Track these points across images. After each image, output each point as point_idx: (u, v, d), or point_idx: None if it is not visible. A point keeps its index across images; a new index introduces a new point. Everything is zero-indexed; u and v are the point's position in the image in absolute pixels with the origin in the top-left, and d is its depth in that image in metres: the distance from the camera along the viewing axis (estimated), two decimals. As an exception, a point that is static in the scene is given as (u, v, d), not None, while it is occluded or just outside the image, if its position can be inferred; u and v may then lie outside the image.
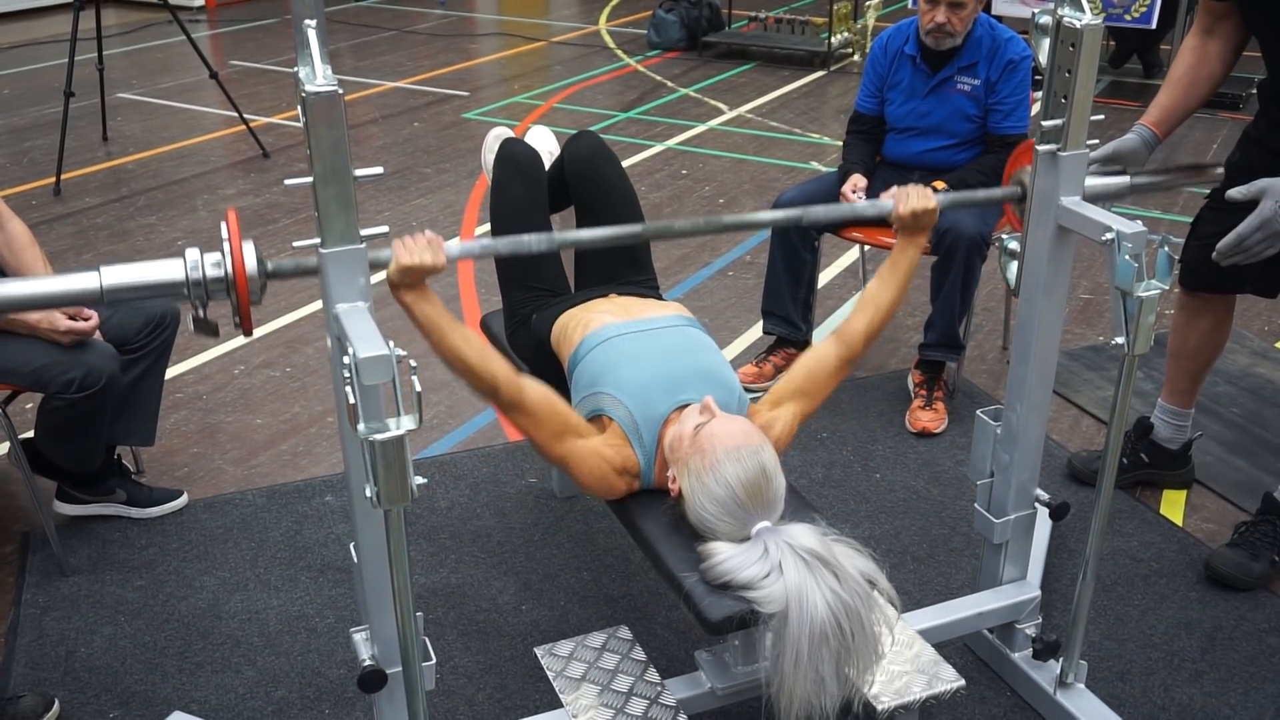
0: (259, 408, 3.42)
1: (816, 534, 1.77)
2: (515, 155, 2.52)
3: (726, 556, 1.77)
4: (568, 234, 1.90)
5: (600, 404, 2.04)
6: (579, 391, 2.12)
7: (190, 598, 2.59)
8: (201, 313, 1.57)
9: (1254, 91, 2.56)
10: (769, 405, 2.08)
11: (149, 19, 8.81)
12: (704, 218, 1.95)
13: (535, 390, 1.92)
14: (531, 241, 1.81)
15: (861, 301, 2.11)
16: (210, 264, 1.54)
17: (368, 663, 1.77)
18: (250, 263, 1.56)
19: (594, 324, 2.19)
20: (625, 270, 2.46)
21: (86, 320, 2.50)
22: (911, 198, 2.03)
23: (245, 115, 5.78)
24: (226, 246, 1.54)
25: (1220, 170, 2.24)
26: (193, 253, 1.54)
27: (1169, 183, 2.21)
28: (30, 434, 2.72)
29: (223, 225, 1.56)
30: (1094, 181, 2.00)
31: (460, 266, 4.43)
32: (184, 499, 2.91)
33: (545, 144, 2.88)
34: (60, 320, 2.46)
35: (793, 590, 1.69)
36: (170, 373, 3.13)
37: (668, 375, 2.03)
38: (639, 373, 2.04)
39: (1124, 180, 2.06)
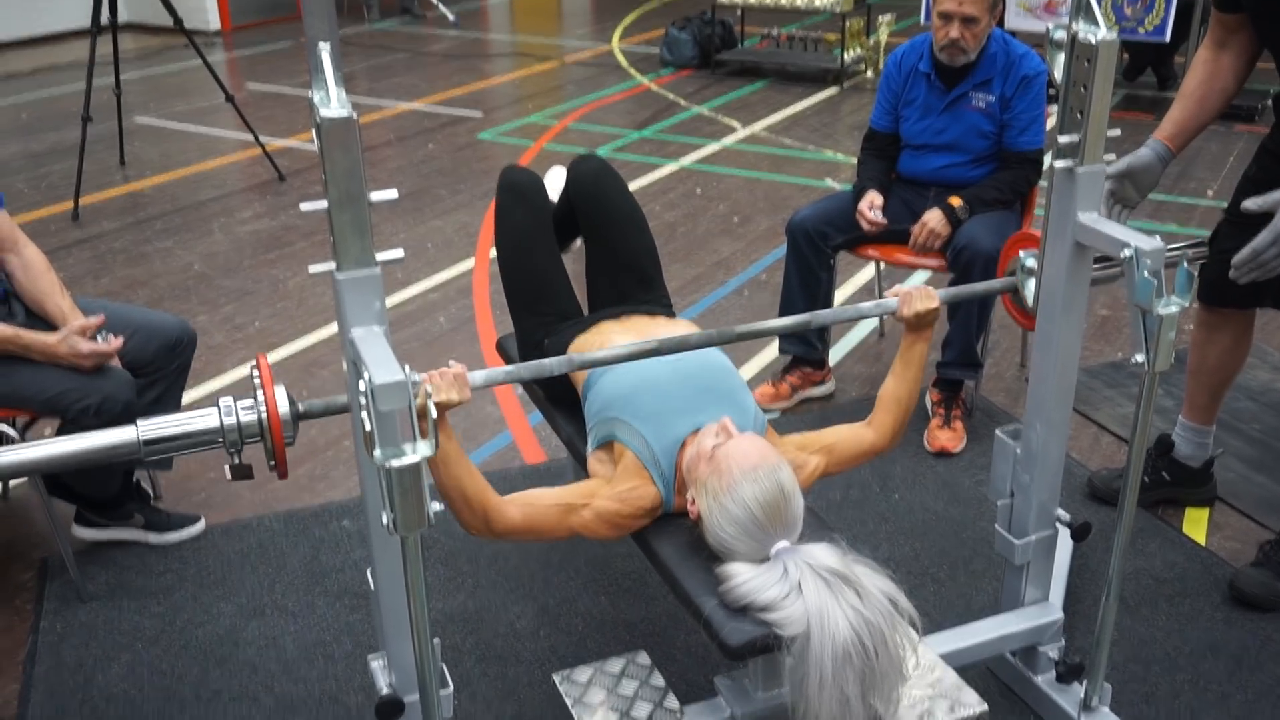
0: (275, 431, 3.42)
1: (836, 553, 1.76)
2: (517, 183, 2.52)
3: (746, 579, 1.76)
4: (587, 355, 1.96)
5: (614, 430, 2.03)
6: (592, 416, 2.11)
7: (208, 624, 2.59)
8: (237, 459, 1.63)
9: (1269, 103, 2.54)
10: (795, 447, 2.06)
11: (166, 44, 8.88)
12: (717, 330, 2.01)
13: (520, 513, 1.91)
14: (552, 365, 1.87)
15: (882, 401, 2.13)
16: (244, 410, 1.60)
17: (385, 691, 1.76)
18: (283, 407, 1.61)
19: (607, 346, 2.18)
20: (637, 290, 2.45)
21: (108, 343, 2.50)
22: (915, 300, 2.07)
23: (261, 138, 5.81)
24: (260, 395, 1.60)
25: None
26: (226, 402, 1.61)
27: None
28: (48, 460, 2.72)
29: (254, 373, 1.62)
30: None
31: (475, 289, 4.43)
32: (201, 524, 2.91)
33: (560, 183, 2.89)
34: (81, 344, 2.46)
35: (814, 610, 1.68)
36: (187, 397, 3.14)
37: (683, 398, 2.02)
38: (653, 397, 2.03)
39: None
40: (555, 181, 2.87)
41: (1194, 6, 6.40)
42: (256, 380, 1.61)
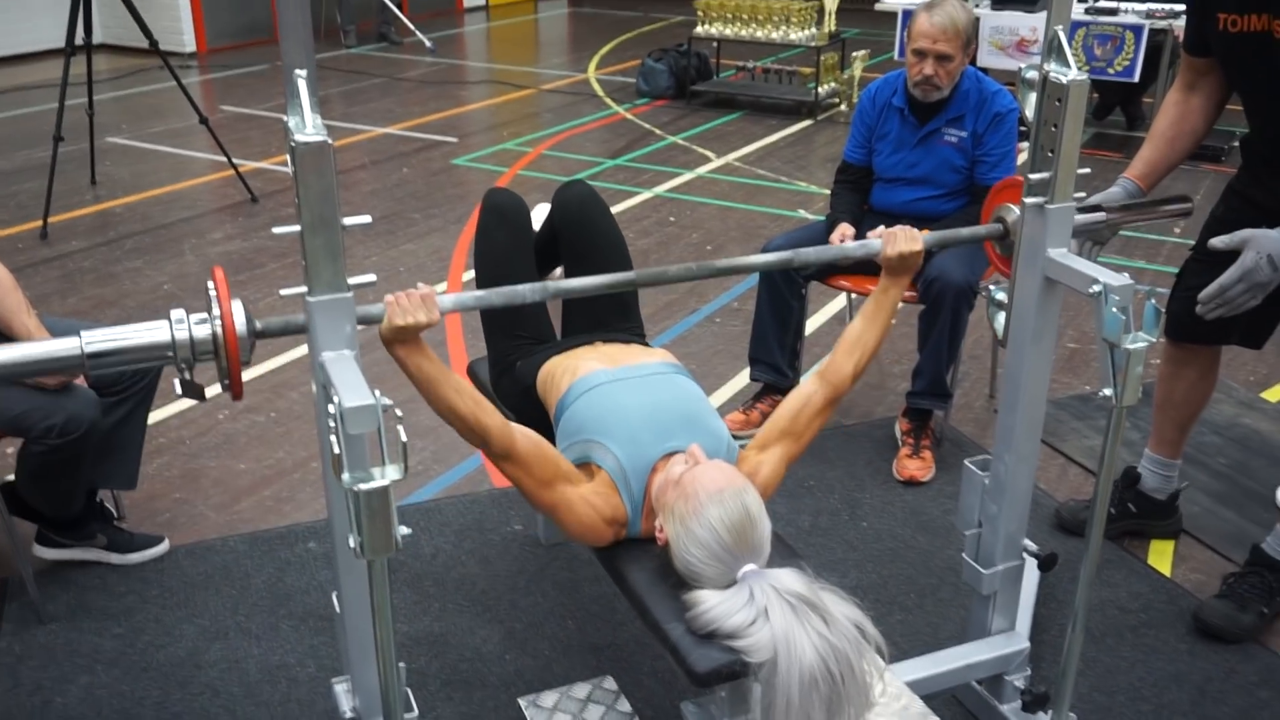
0: (242, 453, 3.40)
1: (803, 579, 1.76)
2: (499, 204, 2.52)
3: (712, 605, 1.76)
4: (561, 283, 1.89)
5: (588, 452, 2.03)
6: (565, 439, 2.11)
7: (169, 646, 2.56)
8: (188, 375, 1.54)
9: (1236, 145, 2.58)
10: (755, 450, 2.07)
11: (140, 64, 8.85)
12: (696, 263, 1.95)
13: (526, 439, 1.92)
14: (525, 291, 1.81)
15: (844, 341, 2.10)
16: (196, 324, 1.52)
17: (349, 715, 1.75)
18: (240, 322, 1.53)
19: (581, 371, 2.18)
20: (612, 318, 2.46)
21: None
22: (899, 240, 2.04)
23: (234, 160, 5.79)
24: (215, 307, 1.52)
25: (1189, 204, 2.25)
26: (178, 313, 1.51)
27: (1142, 217, 2.23)
28: (10, 477, 2.69)
29: (209, 284, 1.53)
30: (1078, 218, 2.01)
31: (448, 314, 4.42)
32: (165, 545, 2.87)
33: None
34: None
35: (780, 636, 1.68)
36: (153, 417, 3.11)
37: (655, 423, 2.03)
38: (627, 421, 2.03)
39: (1100, 215, 2.08)
40: (538, 217, 2.88)
41: (1162, 48, 6.51)
42: (212, 293, 1.52)
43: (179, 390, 1.57)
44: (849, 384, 2.09)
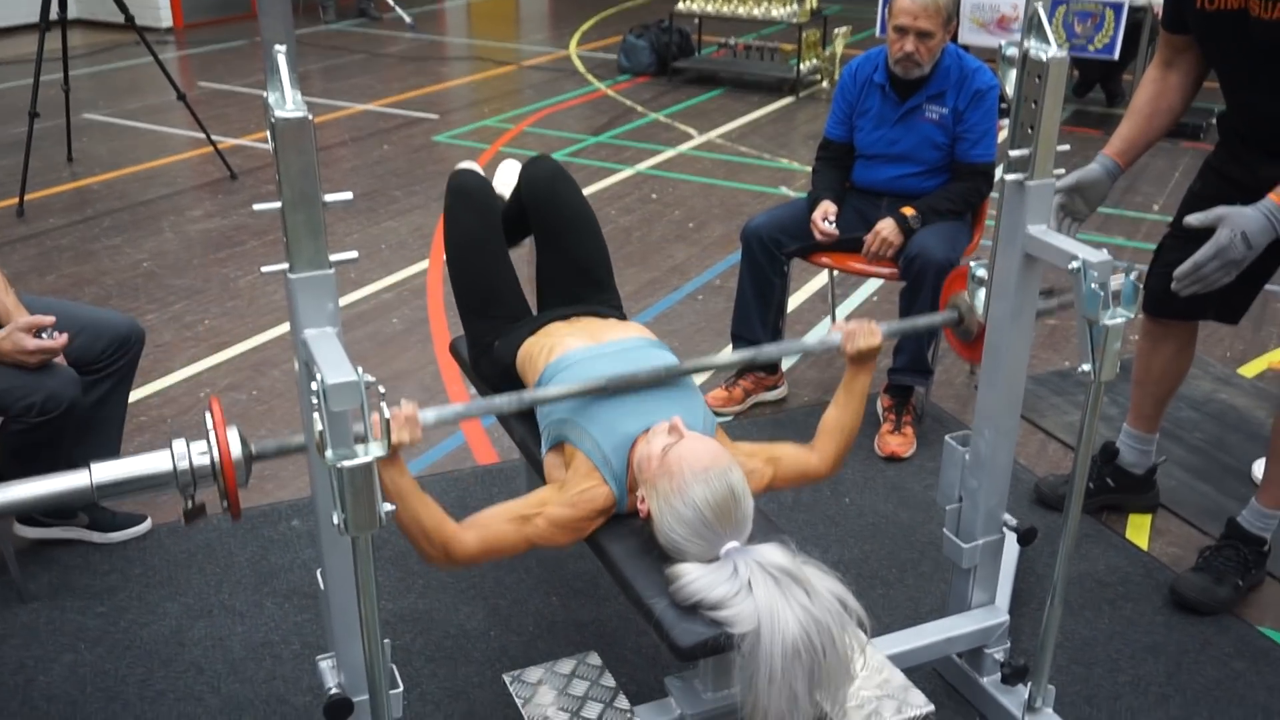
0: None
1: (786, 553, 1.78)
2: (466, 186, 2.51)
3: (695, 577, 1.77)
4: (537, 393, 2.04)
5: (564, 431, 2.03)
6: (544, 418, 2.11)
7: (152, 624, 2.56)
8: (190, 503, 1.61)
9: (1214, 121, 2.60)
10: (745, 454, 2.06)
11: (116, 40, 8.76)
12: (665, 366, 2.07)
13: (479, 538, 1.90)
14: (502, 403, 1.91)
15: (824, 430, 2.15)
16: (197, 455, 1.58)
17: (334, 691, 1.75)
18: (235, 450, 1.60)
19: (558, 349, 2.18)
20: (587, 291, 2.46)
21: (54, 339, 2.46)
22: (858, 338, 2.12)
23: (213, 136, 5.75)
24: (212, 436, 1.58)
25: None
26: (179, 445, 1.58)
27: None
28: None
29: (207, 415, 1.60)
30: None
31: (429, 290, 4.42)
32: (147, 524, 2.87)
33: (513, 178, 2.88)
34: (26, 340, 2.42)
35: (764, 608, 1.69)
36: (134, 395, 3.10)
37: (632, 398, 2.03)
38: (603, 399, 2.03)
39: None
40: (508, 175, 2.86)
41: (1142, 26, 6.53)
42: (209, 424, 1.60)
43: (183, 521, 1.65)
44: (832, 467, 2.14)
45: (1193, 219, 2.21)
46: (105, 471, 1.56)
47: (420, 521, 1.82)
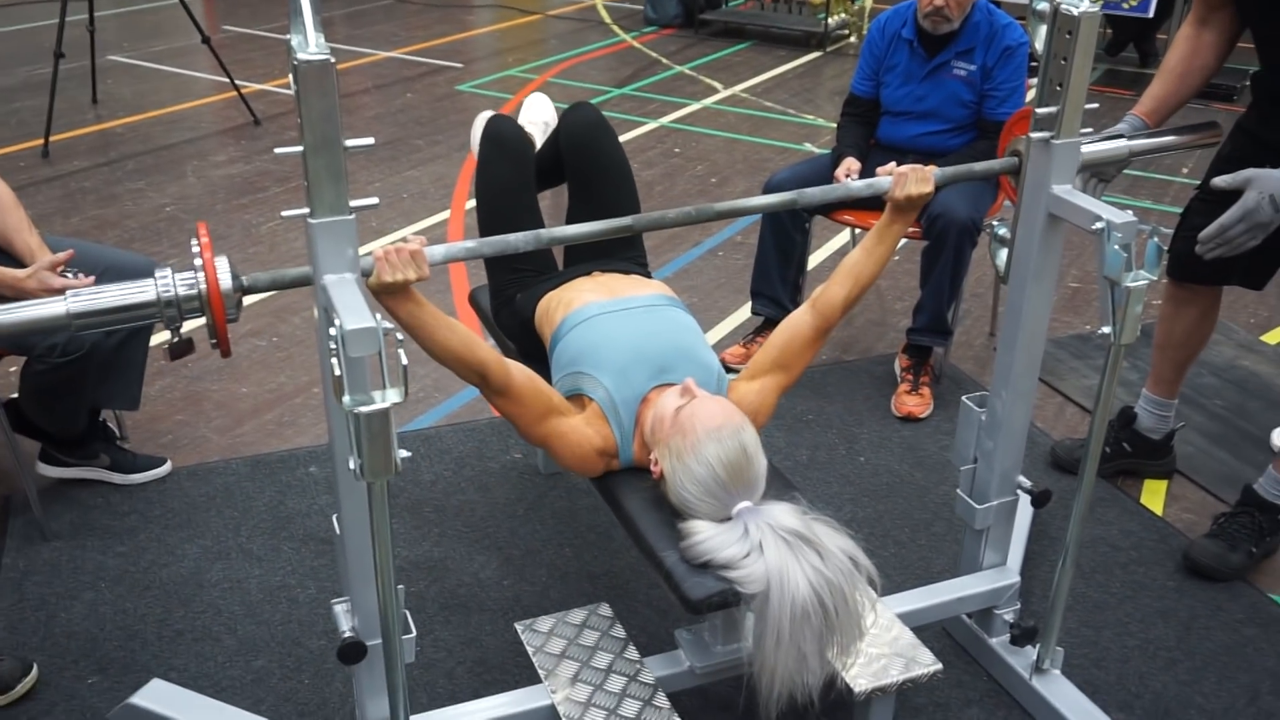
0: (245, 377, 3.41)
1: (797, 513, 1.78)
2: (502, 134, 2.48)
3: (707, 536, 1.78)
4: (555, 231, 1.86)
5: (579, 384, 2.04)
6: (559, 370, 2.12)
7: (171, 565, 2.59)
8: (176, 336, 1.54)
9: (1248, 83, 2.56)
10: (746, 379, 2.08)
11: (141, -19, 8.73)
12: (696, 207, 1.91)
13: (521, 374, 1.92)
14: (518, 241, 1.79)
15: (840, 271, 2.09)
16: (182, 283, 1.51)
17: (348, 634, 1.78)
18: (225, 280, 1.52)
19: (575, 303, 2.18)
20: (615, 245, 2.44)
21: (79, 279, 2.47)
22: (910, 182, 1.99)
23: (237, 81, 5.74)
24: (199, 263, 1.51)
25: (1218, 130, 2.22)
26: (163, 272, 1.51)
27: (1170, 145, 2.19)
28: (14, 395, 2.71)
29: (193, 242, 1.52)
30: (1092, 148, 1.99)
31: (449, 241, 4.41)
32: (167, 466, 2.90)
33: (543, 114, 2.84)
34: (53, 279, 2.42)
35: (774, 570, 1.70)
36: (155, 339, 3.12)
37: (646, 354, 2.03)
38: (617, 352, 2.03)
39: (1121, 145, 2.05)
40: (534, 110, 2.82)
41: (1178, -17, 6.41)
42: (196, 250, 1.52)
43: (168, 354, 1.58)
44: (840, 315, 2.08)
45: (1220, 181, 2.19)
46: (82, 301, 1.48)
47: (449, 348, 1.81)
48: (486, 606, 2.48)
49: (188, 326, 1.57)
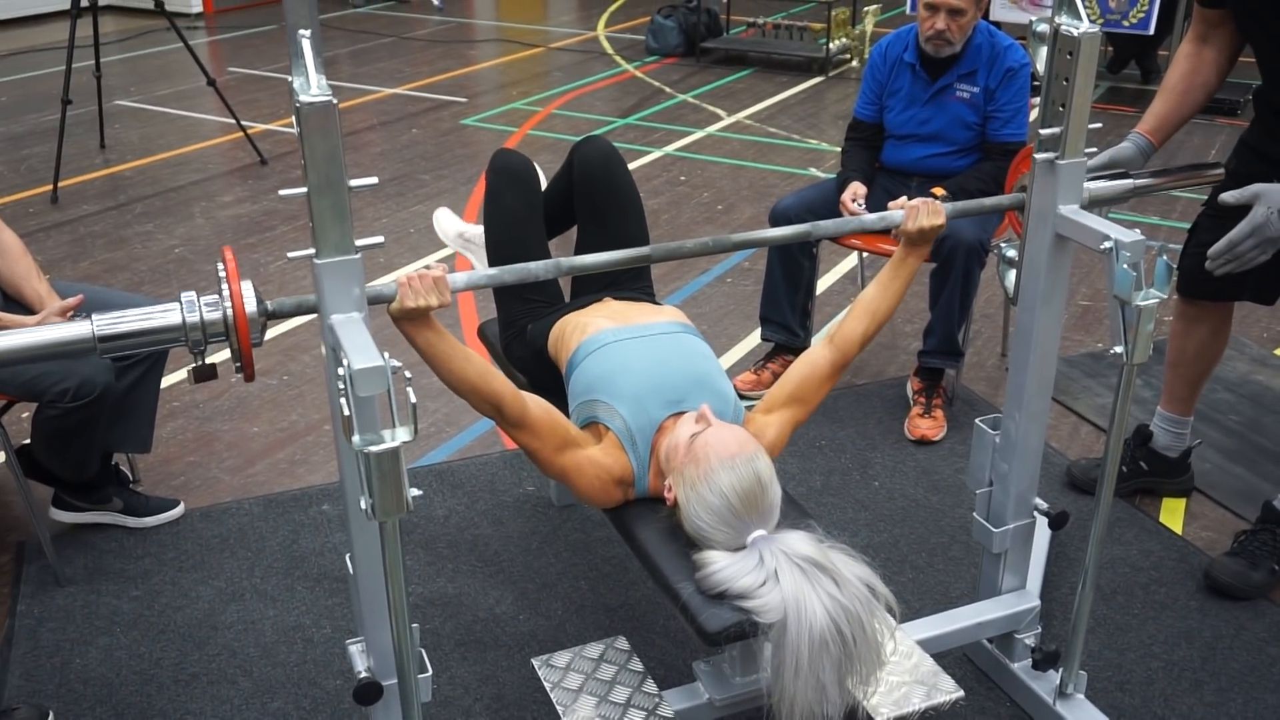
0: (256, 416, 3.41)
1: (813, 541, 1.76)
2: (510, 166, 2.49)
3: (722, 566, 1.76)
4: (576, 259, 1.87)
5: (595, 412, 2.03)
6: (575, 398, 2.11)
7: (186, 608, 2.58)
8: (200, 360, 1.55)
9: (1251, 98, 2.56)
10: (762, 412, 2.08)
11: (147, 26, 8.81)
12: (713, 238, 1.92)
13: (537, 407, 1.92)
14: (538, 269, 1.80)
15: (857, 308, 2.10)
16: (207, 306, 1.52)
17: (363, 675, 1.76)
18: (250, 304, 1.53)
19: (590, 329, 2.18)
20: (622, 275, 2.45)
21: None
22: (921, 214, 2.00)
23: (243, 122, 5.77)
24: (225, 289, 1.53)
25: (1220, 171, 2.23)
26: (189, 295, 1.52)
27: (1170, 184, 2.20)
28: (26, 441, 2.71)
29: (219, 266, 1.54)
30: (1095, 185, 1.99)
31: (456, 270, 4.42)
32: (180, 508, 2.90)
33: (453, 227, 2.95)
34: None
35: (790, 599, 1.68)
36: (166, 381, 3.12)
37: (662, 382, 2.03)
38: (633, 379, 2.03)
39: (1126, 183, 2.05)
40: (445, 223, 2.94)
41: (1178, 0, 6.42)
42: (222, 274, 1.52)
43: (191, 379, 1.58)
44: (857, 350, 2.10)
45: (1228, 196, 2.18)
46: (108, 323, 1.49)
47: (466, 379, 1.82)
48: (503, 642, 2.47)
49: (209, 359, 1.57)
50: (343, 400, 1.39)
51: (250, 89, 7.23)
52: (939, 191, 3.20)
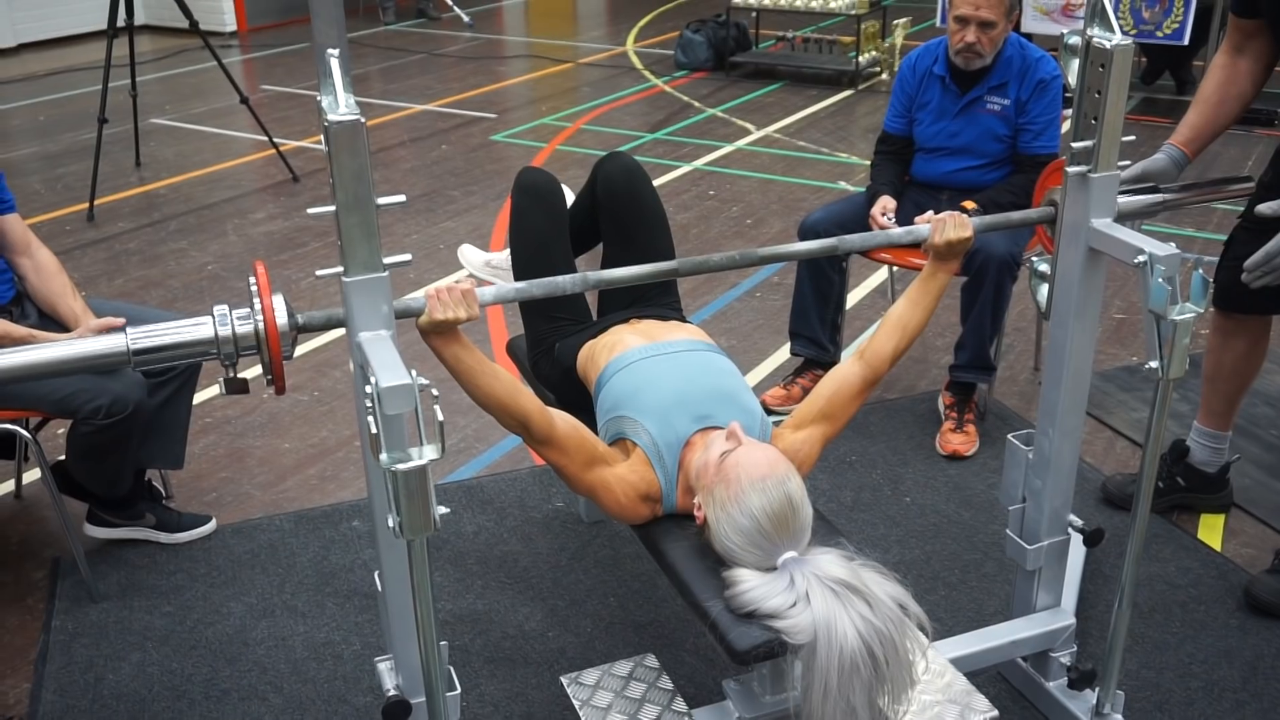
0: (287, 432, 3.43)
1: (844, 561, 1.74)
2: (535, 183, 2.50)
3: (752, 586, 1.75)
4: (604, 273, 1.88)
5: (623, 428, 2.03)
6: (603, 415, 2.11)
7: (217, 624, 2.59)
8: (232, 372, 1.57)
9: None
10: (792, 428, 2.06)
11: (182, 45, 8.91)
12: (740, 252, 1.92)
13: (565, 422, 1.92)
14: (566, 283, 1.80)
15: (887, 323, 2.09)
16: (239, 320, 1.54)
17: (392, 693, 1.76)
18: (281, 317, 1.55)
19: (619, 347, 2.18)
20: (651, 292, 2.45)
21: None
22: (948, 228, 2.00)
23: (275, 139, 5.82)
24: (256, 303, 1.54)
25: (1250, 184, 2.21)
26: (221, 309, 1.54)
27: (1198, 199, 2.17)
28: (61, 458, 2.74)
29: (251, 280, 1.55)
30: (1122, 200, 1.97)
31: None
32: (212, 524, 2.91)
33: (478, 258, 3.05)
34: None
35: (821, 621, 1.67)
36: (198, 397, 3.14)
37: (689, 397, 2.02)
38: (660, 395, 2.02)
39: (1153, 198, 2.03)
40: (471, 257, 3.03)
41: (1213, 10, 6.36)
42: (254, 288, 1.54)
43: (223, 390, 1.60)
44: (888, 367, 2.08)
45: (1265, 208, 2.15)
46: (142, 336, 1.51)
47: (494, 395, 1.82)
48: (531, 659, 2.46)
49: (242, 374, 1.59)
50: (370, 418, 1.39)
51: (283, 106, 7.30)
52: (969, 205, 3.17)
